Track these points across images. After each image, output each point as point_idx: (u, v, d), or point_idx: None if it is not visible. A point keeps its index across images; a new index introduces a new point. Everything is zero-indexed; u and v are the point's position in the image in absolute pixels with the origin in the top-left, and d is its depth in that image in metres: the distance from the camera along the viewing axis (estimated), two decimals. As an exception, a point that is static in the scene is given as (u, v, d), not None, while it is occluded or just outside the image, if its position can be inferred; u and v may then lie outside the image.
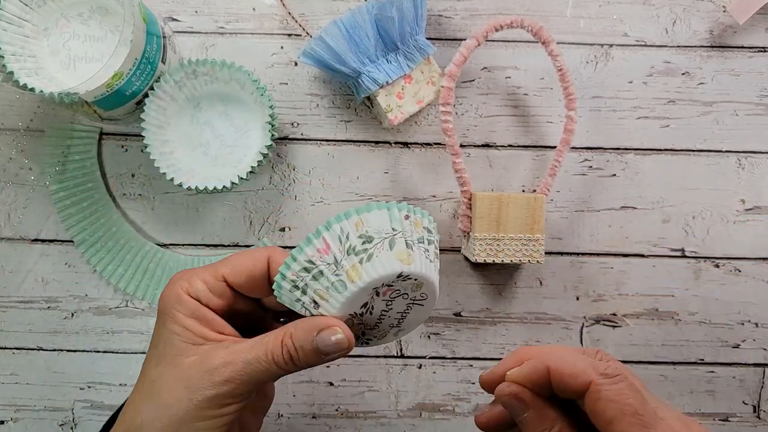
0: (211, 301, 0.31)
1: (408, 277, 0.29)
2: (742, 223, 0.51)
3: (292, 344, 0.29)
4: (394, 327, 0.32)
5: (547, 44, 0.46)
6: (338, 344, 0.28)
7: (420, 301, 0.31)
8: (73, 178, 0.48)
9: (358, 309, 0.29)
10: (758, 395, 0.51)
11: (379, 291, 0.29)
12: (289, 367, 0.29)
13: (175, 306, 0.30)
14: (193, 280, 0.31)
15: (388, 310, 0.31)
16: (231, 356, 0.29)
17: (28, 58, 0.43)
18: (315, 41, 0.45)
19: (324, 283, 0.29)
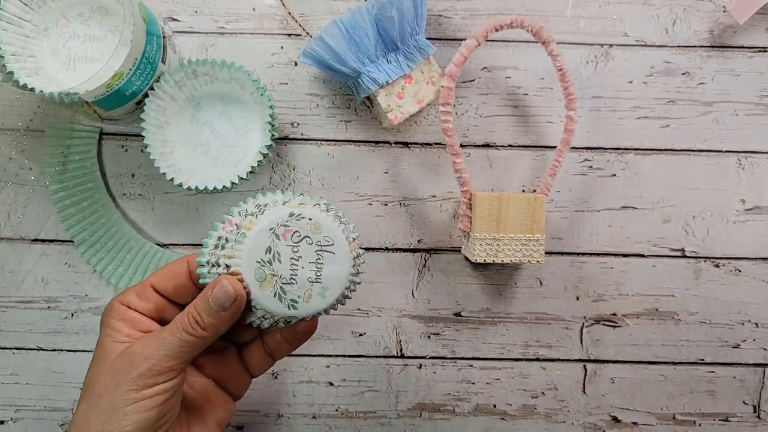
0: (139, 305, 0.33)
1: (301, 216, 0.32)
2: (743, 223, 0.51)
3: (194, 310, 0.31)
4: (314, 282, 0.33)
5: (547, 44, 0.46)
6: (225, 293, 0.31)
7: (328, 248, 0.33)
8: (73, 178, 0.48)
9: (264, 255, 0.32)
10: (758, 395, 0.51)
11: (277, 233, 0.32)
12: (198, 332, 0.31)
13: (108, 314, 0.33)
14: (125, 292, 0.34)
15: (297, 259, 0.32)
16: (148, 338, 0.31)
17: (28, 58, 0.43)
18: (315, 41, 0.45)
19: (230, 245, 0.32)
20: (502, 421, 0.51)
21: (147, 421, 0.30)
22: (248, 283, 0.32)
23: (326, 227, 0.33)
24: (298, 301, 0.32)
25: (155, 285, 0.34)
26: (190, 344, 0.31)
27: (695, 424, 0.51)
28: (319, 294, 0.33)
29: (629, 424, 0.51)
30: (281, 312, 0.32)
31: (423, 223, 0.50)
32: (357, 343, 0.50)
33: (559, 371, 0.51)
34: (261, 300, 0.32)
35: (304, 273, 0.32)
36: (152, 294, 0.34)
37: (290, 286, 0.32)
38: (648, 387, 0.51)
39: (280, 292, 0.32)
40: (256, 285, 0.32)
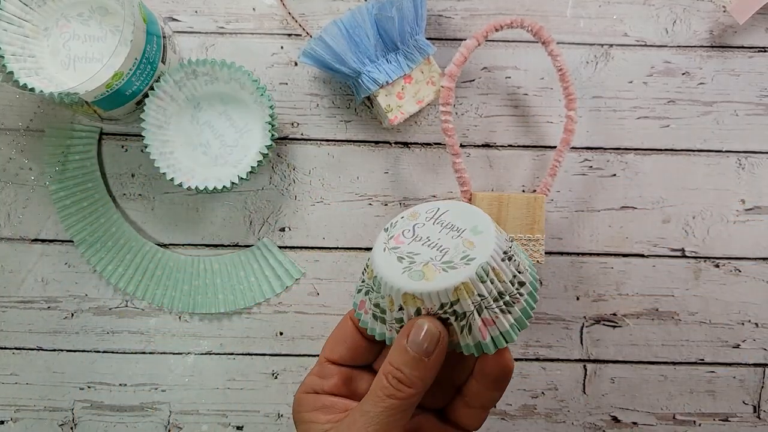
0: (325, 385, 0.30)
1: (394, 222, 0.29)
2: (742, 223, 0.51)
3: (391, 367, 0.27)
4: (459, 236, 0.28)
5: (547, 44, 0.46)
6: (426, 334, 0.27)
7: (438, 215, 0.29)
8: (73, 178, 0.48)
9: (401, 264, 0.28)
10: (758, 395, 0.51)
11: (391, 246, 0.28)
12: (404, 391, 0.27)
13: (297, 410, 0.30)
14: (306, 379, 0.31)
15: (427, 240, 0.28)
16: (351, 419, 0.27)
17: (28, 58, 0.43)
18: (315, 41, 0.45)
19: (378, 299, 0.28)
20: (502, 421, 0.51)
21: None
22: (415, 291, 0.27)
23: (421, 208, 0.30)
24: (468, 253, 0.27)
25: (330, 357, 0.31)
26: (398, 409, 0.27)
27: (695, 424, 0.51)
28: (475, 234, 0.28)
29: (629, 424, 0.51)
30: (466, 273, 0.26)
31: (423, 223, 0.50)
32: (357, 343, 0.50)
33: (559, 371, 0.51)
34: (440, 285, 0.26)
35: (445, 240, 0.28)
36: (332, 368, 0.31)
37: (447, 255, 0.27)
38: (648, 387, 0.51)
39: (445, 266, 0.27)
40: (422, 284, 0.26)
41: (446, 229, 0.28)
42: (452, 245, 0.27)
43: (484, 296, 0.27)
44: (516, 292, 0.28)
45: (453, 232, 0.28)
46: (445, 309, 0.27)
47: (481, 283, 0.26)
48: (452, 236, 0.28)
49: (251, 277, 0.49)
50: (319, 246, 0.50)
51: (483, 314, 0.27)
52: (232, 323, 0.50)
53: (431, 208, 0.29)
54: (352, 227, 0.50)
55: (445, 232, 0.28)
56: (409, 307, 0.27)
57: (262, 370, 0.50)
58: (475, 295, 0.26)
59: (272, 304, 0.50)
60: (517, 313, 0.28)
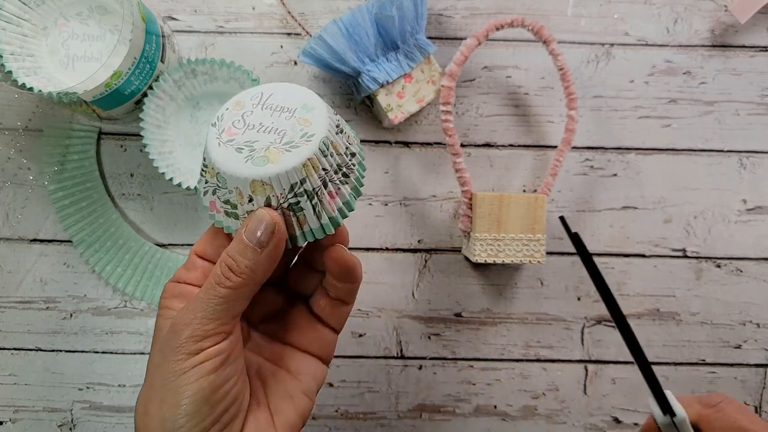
0: (189, 276, 0.31)
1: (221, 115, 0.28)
2: (744, 223, 0.50)
3: (226, 255, 0.27)
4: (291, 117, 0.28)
5: (547, 43, 0.46)
6: (264, 224, 0.27)
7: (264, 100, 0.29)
8: (71, 178, 0.48)
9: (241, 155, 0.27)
10: (760, 396, 0.51)
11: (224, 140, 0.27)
12: (233, 280, 0.27)
13: (162, 297, 0.31)
14: (177, 271, 0.31)
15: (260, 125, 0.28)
16: (187, 304, 0.28)
17: (27, 57, 0.43)
18: (315, 40, 0.44)
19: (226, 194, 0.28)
20: (503, 422, 0.50)
21: (202, 391, 0.26)
22: (262, 175, 0.26)
23: (245, 96, 0.29)
24: (305, 130, 0.27)
25: (198, 251, 0.31)
26: (226, 298, 0.27)
27: (696, 424, 0.51)
28: (307, 111, 0.28)
29: (630, 424, 0.51)
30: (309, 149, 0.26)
31: (423, 223, 0.50)
32: (357, 344, 0.50)
33: (560, 372, 0.51)
34: (286, 165, 0.26)
35: (279, 123, 0.28)
36: (198, 261, 0.31)
37: (286, 136, 0.27)
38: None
39: (287, 146, 0.27)
40: (268, 168, 0.26)
41: (277, 112, 0.28)
42: (288, 126, 0.27)
43: (327, 169, 0.27)
44: (350, 162, 0.29)
45: (285, 113, 0.28)
46: (296, 191, 0.27)
47: (324, 157, 0.27)
48: (285, 117, 0.28)
49: (251, 277, 0.49)
50: (319, 246, 0.50)
51: (328, 188, 0.28)
52: (231, 324, 0.50)
53: (255, 94, 0.29)
54: (352, 227, 0.50)
55: (277, 114, 0.28)
56: (258, 196, 0.27)
57: (261, 371, 0.50)
58: (320, 170, 0.27)
59: (272, 305, 0.50)
60: (352, 183, 0.29)
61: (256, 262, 0.27)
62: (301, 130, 0.27)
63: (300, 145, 0.27)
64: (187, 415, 0.26)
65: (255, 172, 0.26)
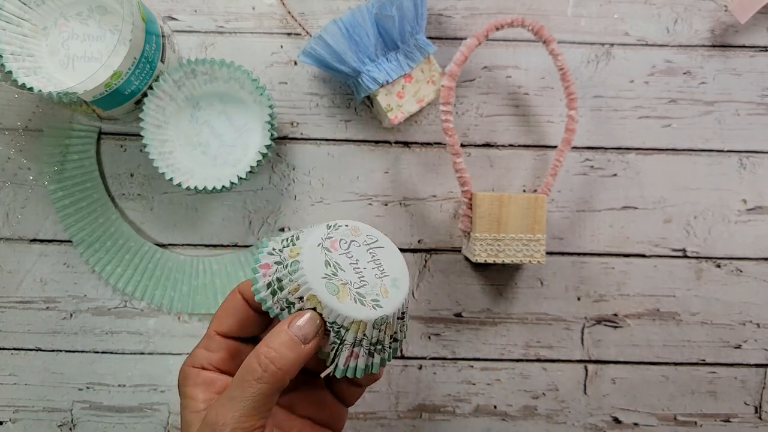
0: (212, 358, 0.31)
1: (337, 225, 0.32)
2: (744, 223, 0.50)
3: (267, 348, 0.28)
4: (382, 277, 0.31)
5: (548, 43, 0.46)
6: (311, 321, 0.28)
7: (375, 245, 0.32)
8: (71, 178, 0.48)
9: (326, 269, 0.30)
10: (760, 396, 0.51)
11: (326, 246, 0.30)
12: (276, 376, 0.28)
13: (181, 383, 0.31)
14: (194, 351, 0.31)
15: (355, 262, 0.31)
16: (220, 402, 0.28)
17: (27, 57, 0.43)
18: (315, 40, 0.44)
19: (287, 281, 0.30)
20: (503, 422, 0.50)
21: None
22: (324, 300, 0.29)
23: (363, 228, 0.32)
24: (379, 298, 0.30)
25: (218, 329, 0.31)
26: (264, 394, 0.27)
27: (696, 424, 0.51)
28: (393, 285, 0.31)
29: (630, 424, 0.51)
30: (369, 315, 0.29)
31: (423, 223, 0.50)
32: (357, 344, 0.50)
33: (560, 372, 0.51)
34: (345, 311, 0.29)
35: (369, 273, 0.31)
36: (220, 340, 0.31)
37: (364, 288, 0.30)
38: (649, 388, 0.51)
39: (358, 296, 0.30)
40: (332, 299, 0.29)
41: (374, 264, 0.31)
42: (372, 282, 0.31)
43: (367, 338, 0.30)
44: (388, 344, 0.31)
45: (378, 271, 0.31)
46: (335, 329, 0.29)
47: (374, 328, 0.30)
48: (375, 274, 0.31)
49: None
50: (319, 246, 0.50)
51: (355, 348, 0.30)
52: (231, 324, 0.50)
53: (372, 235, 0.32)
54: (352, 227, 0.50)
55: (372, 266, 0.31)
56: (307, 303, 0.29)
57: (261, 371, 0.50)
58: (362, 333, 0.29)
59: (272, 305, 0.50)
60: (377, 359, 0.31)
61: (299, 356, 0.28)
62: (376, 295, 0.30)
63: (366, 305, 0.30)
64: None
65: (320, 292, 0.29)
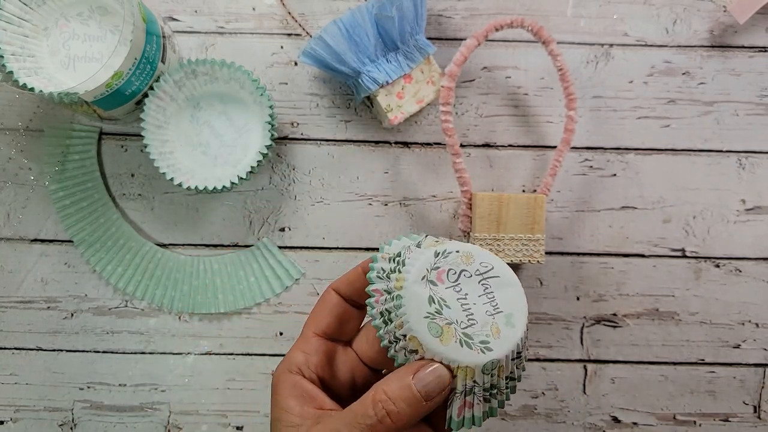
0: (311, 361, 0.30)
1: (447, 251, 0.28)
2: (743, 223, 0.51)
3: (386, 398, 0.26)
4: (495, 314, 0.28)
5: (547, 44, 0.46)
6: (439, 379, 0.26)
7: (489, 273, 0.28)
8: (72, 178, 0.48)
9: (429, 307, 0.27)
10: (759, 395, 0.51)
11: (431, 279, 0.27)
12: (390, 428, 0.26)
13: (277, 390, 0.29)
14: (289, 354, 0.30)
15: (464, 297, 0.28)
16: (322, 425, 0.27)
17: (28, 57, 0.43)
18: (315, 41, 0.45)
19: (394, 315, 0.27)
20: (502, 421, 0.51)
21: None
22: (425, 343, 0.26)
23: (477, 253, 0.28)
24: (489, 339, 0.27)
25: (317, 330, 0.30)
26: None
27: (695, 424, 0.51)
28: (506, 324, 0.27)
29: (629, 424, 0.51)
30: (476, 360, 0.26)
31: (423, 223, 0.50)
32: (357, 344, 0.50)
33: (559, 371, 0.51)
34: (448, 354, 0.26)
35: (479, 309, 0.27)
36: (316, 342, 0.30)
37: (472, 328, 0.27)
38: (648, 387, 0.51)
39: (464, 338, 0.27)
40: (435, 342, 0.26)
41: (486, 298, 0.28)
42: (481, 321, 0.27)
43: (478, 384, 0.27)
44: (505, 386, 0.28)
45: (490, 306, 0.27)
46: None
47: (483, 374, 0.27)
48: (487, 310, 0.27)
49: (251, 277, 0.49)
50: (319, 246, 0.50)
51: (467, 397, 0.27)
52: (231, 323, 0.50)
53: (486, 263, 0.28)
54: (352, 227, 0.50)
55: (484, 300, 0.28)
56: (410, 344, 0.27)
57: (261, 370, 0.50)
58: (471, 381, 0.27)
59: (272, 304, 0.50)
60: (494, 404, 0.28)
61: (418, 413, 0.26)
62: (486, 336, 0.27)
63: (473, 348, 0.26)
64: None
65: (421, 335, 0.26)
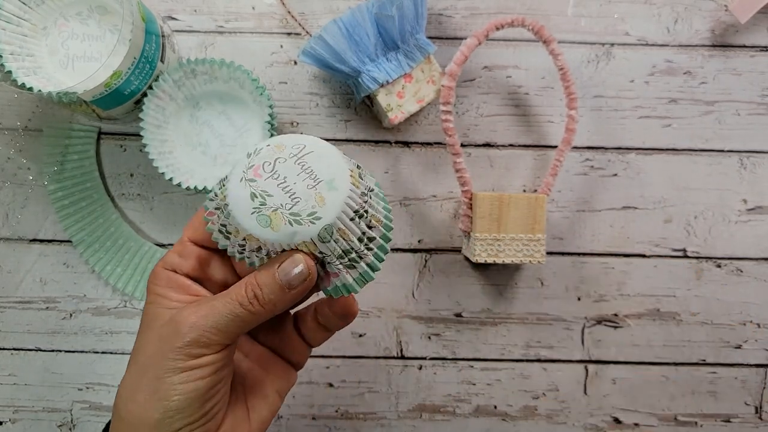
0: (183, 264, 0.31)
1: (258, 149, 0.28)
2: (744, 223, 0.50)
3: (255, 282, 0.28)
4: (315, 185, 0.28)
5: (548, 43, 0.46)
6: (297, 271, 0.28)
7: (303, 152, 0.28)
8: (71, 178, 0.48)
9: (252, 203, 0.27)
10: (760, 396, 0.51)
11: (248, 177, 0.28)
12: (255, 308, 0.28)
13: (153, 281, 0.31)
14: (167, 254, 0.32)
15: (283, 181, 0.28)
16: (198, 305, 0.29)
17: (27, 57, 0.43)
18: (315, 40, 0.44)
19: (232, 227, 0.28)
20: (503, 422, 0.50)
21: (196, 392, 0.28)
22: (260, 236, 0.27)
23: (287, 140, 0.28)
24: (315, 210, 0.27)
25: (192, 238, 0.31)
26: (242, 319, 0.28)
27: (697, 425, 0.51)
28: (329, 189, 0.27)
29: (630, 425, 0.51)
30: (309, 232, 0.27)
31: (423, 223, 0.50)
32: (357, 344, 0.50)
33: (560, 372, 0.50)
34: (284, 238, 0.27)
35: (300, 186, 0.27)
36: (192, 248, 0.31)
37: (297, 206, 0.27)
38: (649, 388, 0.51)
39: (292, 218, 0.27)
40: (267, 232, 0.27)
41: (304, 174, 0.28)
42: (304, 195, 0.27)
43: (325, 254, 0.28)
44: (364, 248, 0.28)
45: (309, 180, 0.28)
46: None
47: (323, 242, 0.27)
48: (308, 184, 0.27)
49: (251, 277, 0.49)
50: (319, 246, 0.50)
51: (326, 267, 0.28)
52: (231, 324, 0.50)
53: (297, 144, 0.28)
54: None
55: (303, 176, 0.28)
56: (251, 243, 0.28)
57: (261, 371, 0.50)
58: (317, 253, 0.28)
59: (272, 305, 0.50)
60: (363, 268, 0.29)
61: (282, 299, 0.28)
62: (312, 207, 0.27)
63: (303, 223, 0.27)
64: (177, 409, 0.27)
65: (255, 230, 0.27)
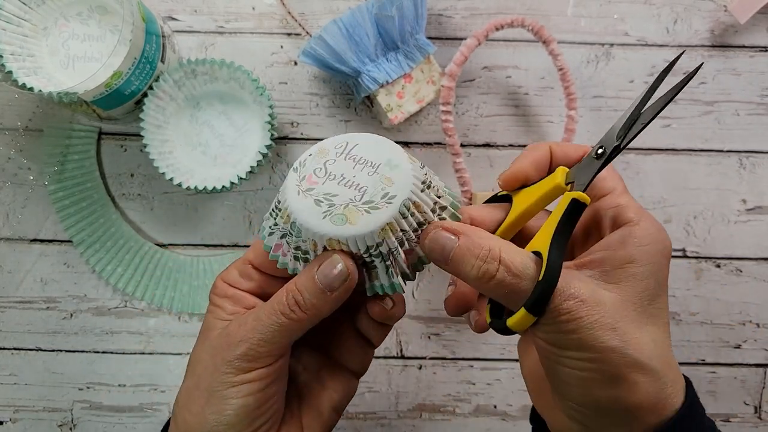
0: (242, 284, 0.31)
1: (303, 162, 0.28)
2: (744, 223, 0.50)
3: (294, 287, 0.28)
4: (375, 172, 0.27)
5: (547, 44, 0.46)
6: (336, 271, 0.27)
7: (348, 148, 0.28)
8: (72, 178, 0.48)
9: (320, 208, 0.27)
10: (759, 396, 0.51)
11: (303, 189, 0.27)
12: (297, 315, 0.28)
13: (212, 291, 0.31)
14: (229, 268, 0.32)
15: (342, 178, 0.27)
16: (246, 317, 0.29)
17: (27, 57, 0.43)
18: (315, 40, 0.44)
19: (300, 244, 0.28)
20: (503, 421, 0.50)
21: (247, 407, 0.27)
22: (340, 235, 0.26)
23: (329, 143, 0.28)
24: (387, 190, 0.26)
25: (254, 262, 0.31)
26: (287, 328, 0.27)
27: (696, 424, 0.51)
28: (391, 169, 0.27)
29: (630, 424, 0.51)
30: (390, 212, 0.26)
31: (423, 223, 0.50)
32: (357, 344, 0.50)
33: (559, 372, 0.51)
34: (367, 228, 0.26)
35: (361, 177, 0.27)
36: (253, 272, 0.31)
37: (367, 194, 0.26)
38: (649, 387, 0.51)
39: (366, 207, 0.26)
40: (346, 229, 0.26)
41: (360, 165, 0.27)
42: (370, 183, 0.27)
43: (406, 230, 0.27)
44: (438, 218, 0.28)
45: (368, 168, 0.27)
46: (371, 252, 0.27)
47: (404, 218, 0.27)
48: (368, 173, 0.27)
49: (251, 277, 0.49)
50: (319, 246, 0.50)
51: (405, 246, 0.27)
52: (231, 323, 0.50)
53: (340, 143, 0.28)
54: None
55: (360, 168, 0.27)
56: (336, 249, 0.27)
57: (261, 371, 0.50)
58: (398, 231, 0.27)
59: (272, 305, 0.50)
60: (419, 252, 0.28)
61: (324, 303, 0.28)
62: (382, 190, 0.27)
63: (380, 206, 0.26)
64: (229, 424, 0.27)
65: (333, 231, 0.26)
